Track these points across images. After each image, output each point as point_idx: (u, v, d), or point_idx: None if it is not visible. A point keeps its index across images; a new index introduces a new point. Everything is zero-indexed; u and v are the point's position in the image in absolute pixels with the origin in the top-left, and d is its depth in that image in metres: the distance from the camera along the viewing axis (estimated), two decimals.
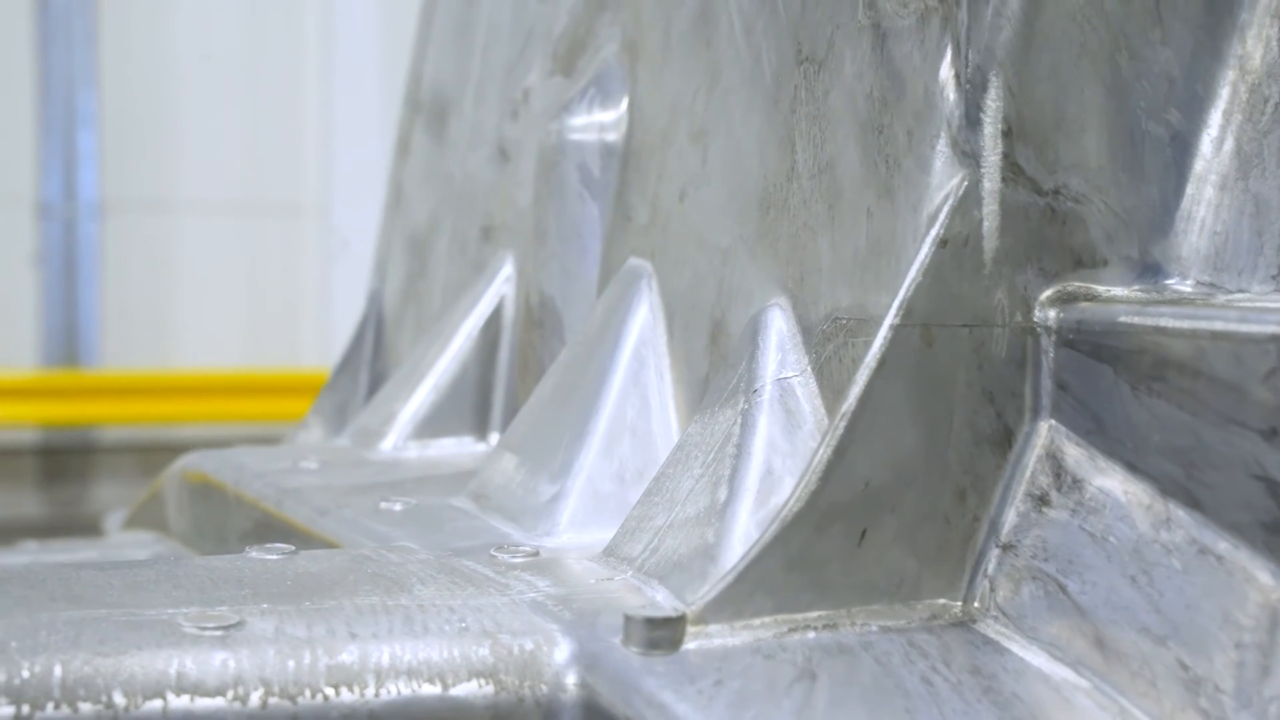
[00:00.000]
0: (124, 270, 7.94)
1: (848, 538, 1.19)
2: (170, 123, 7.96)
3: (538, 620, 1.18)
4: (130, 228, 7.94)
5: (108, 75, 7.75)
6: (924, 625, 1.19)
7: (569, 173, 1.72)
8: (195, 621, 1.14)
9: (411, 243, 2.21)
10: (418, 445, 1.87)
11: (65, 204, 7.81)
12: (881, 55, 1.28)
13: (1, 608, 1.17)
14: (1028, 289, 1.22)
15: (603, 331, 1.56)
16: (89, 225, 7.87)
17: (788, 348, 1.33)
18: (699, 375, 1.48)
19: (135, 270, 7.98)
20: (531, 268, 1.77)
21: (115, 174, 7.84)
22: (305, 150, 8.23)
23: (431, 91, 2.21)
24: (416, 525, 1.50)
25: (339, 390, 2.31)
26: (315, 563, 1.34)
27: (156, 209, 7.99)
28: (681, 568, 1.24)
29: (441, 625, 1.17)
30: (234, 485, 1.80)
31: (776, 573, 1.17)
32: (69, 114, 7.75)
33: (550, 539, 1.43)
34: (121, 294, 7.96)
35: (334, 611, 1.19)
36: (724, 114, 1.50)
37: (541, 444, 1.53)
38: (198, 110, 7.95)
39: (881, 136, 1.27)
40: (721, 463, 1.28)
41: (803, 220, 1.36)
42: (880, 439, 1.19)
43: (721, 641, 1.15)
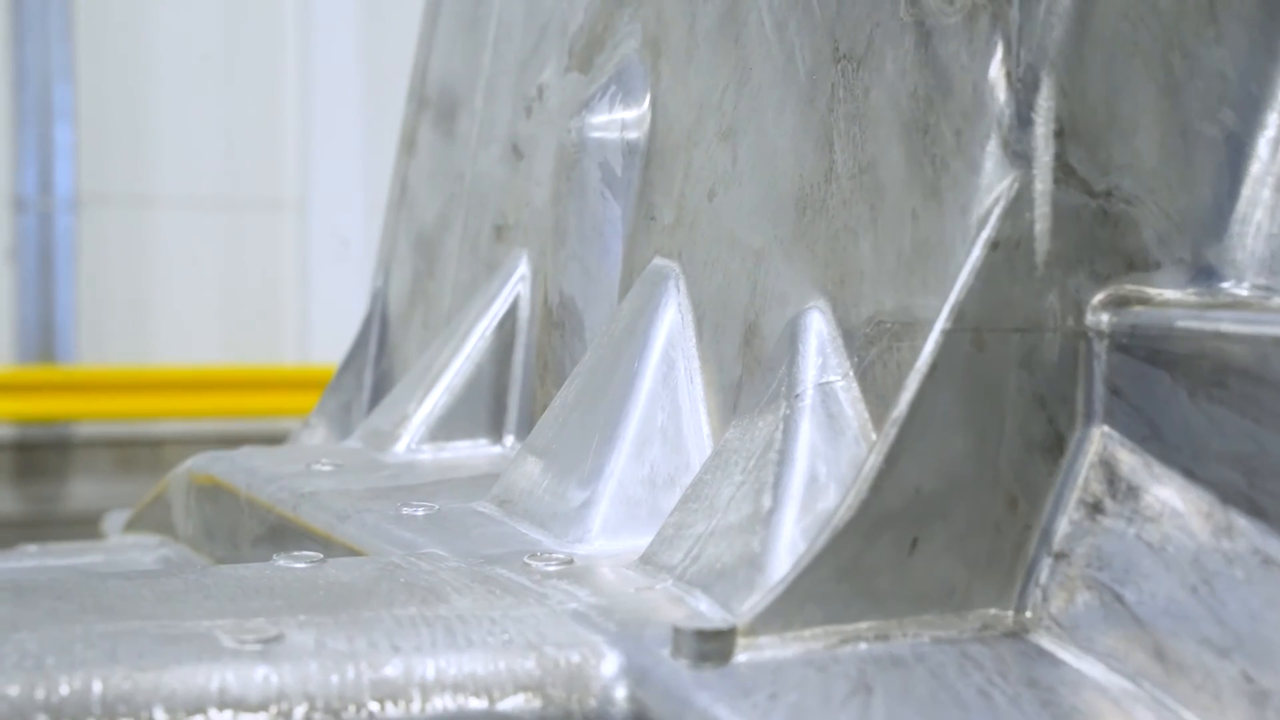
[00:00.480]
0: (100, 265, 7.88)
1: (898, 547, 1.16)
2: (147, 117, 7.90)
3: (581, 631, 1.16)
4: (107, 222, 7.89)
5: (84, 69, 7.69)
6: (976, 636, 1.17)
7: (590, 171, 1.69)
8: (233, 634, 1.11)
9: (418, 241, 2.18)
10: (432, 447, 1.84)
11: (41, 198, 7.74)
12: (926, 53, 1.26)
13: (32, 620, 1.14)
14: (1079, 292, 1.20)
15: (630, 333, 1.53)
16: (65, 219, 7.80)
17: (828, 351, 1.30)
18: (731, 378, 1.45)
19: (112, 265, 7.92)
20: (551, 267, 1.74)
21: (91, 168, 7.78)
22: (284, 145, 8.18)
23: (438, 87, 2.18)
24: (442, 531, 1.48)
25: (343, 390, 2.28)
26: (345, 571, 1.32)
27: (133, 203, 7.93)
28: (726, 577, 1.22)
29: (484, 637, 1.14)
30: (246, 489, 1.77)
31: (827, 583, 1.15)
32: (44, 107, 7.68)
33: (582, 545, 1.41)
34: (98, 289, 7.90)
35: (373, 623, 1.16)
36: (755, 112, 1.48)
37: (569, 448, 1.50)
38: (175, 104, 7.89)
39: (927, 136, 1.25)
40: (764, 469, 1.26)
41: (842, 221, 1.33)
42: (931, 446, 1.16)
43: (773, 654, 1.12)
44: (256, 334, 8.21)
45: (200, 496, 1.91)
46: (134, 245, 7.96)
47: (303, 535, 1.63)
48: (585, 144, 1.70)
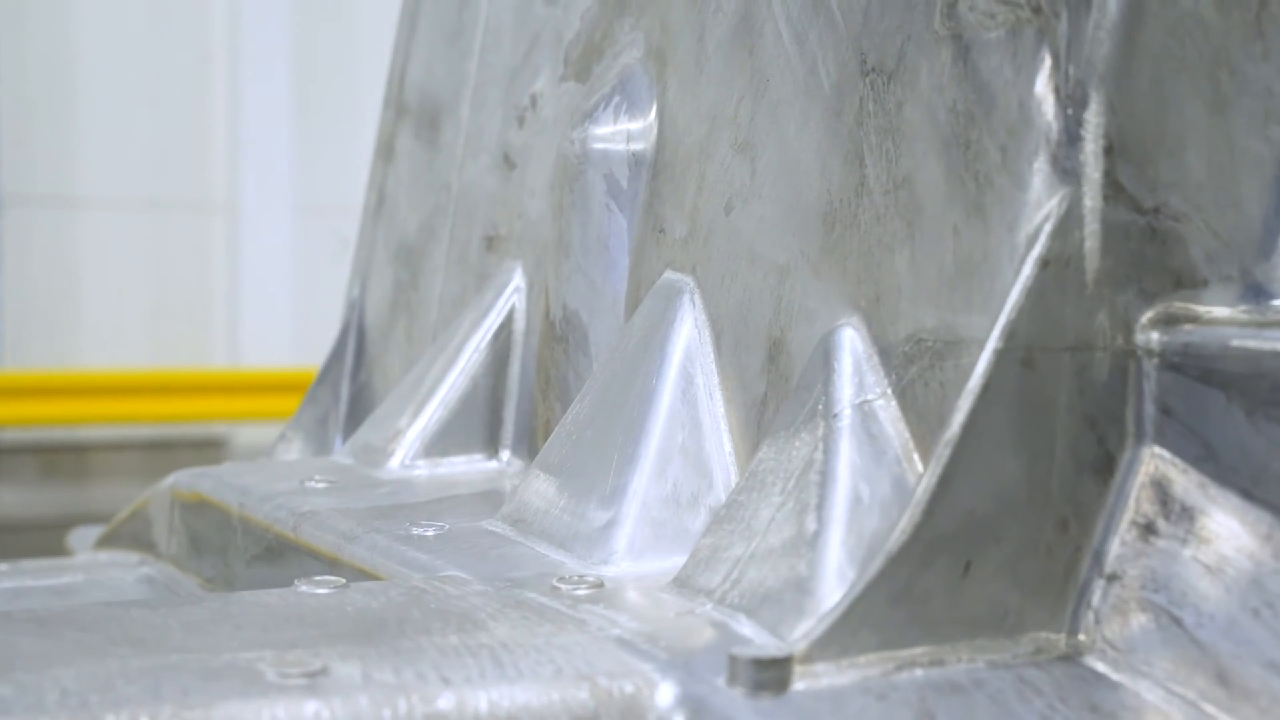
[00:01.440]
0: (23, 267, 7.76)
1: (952, 570, 1.15)
2: (72, 117, 7.79)
3: (630, 660, 1.13)
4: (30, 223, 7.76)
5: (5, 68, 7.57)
6: (1030, 660, 1.15)
7: (594, 183, 1.66)
8: (276, 668, 1.08)
9: (399, 251, 2.15)
10: (428, 463, 1.80)
11: None
12: (965, 68, 1.24)
13: (63, 654, 1.10)
14: (1128, 311, 1.18)
15: (644, 348, 1.50)
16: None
17: (865, 370, 1.28)
18: (755, 396, 1.43)
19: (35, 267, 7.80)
20: (553, 280, 1.71)
21: (14, 169, 7.66)
22: (213, 146, 8.09)
23: (419, 95, 2.15)
24: (458, 553, 1.45)
25: (319, 403, 2.24)
26: (371, 597, 1.28)
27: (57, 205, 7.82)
28: (772, 601, 1.19)
29: (533, 667, 1.11)
30: (239, 507, 1.73)
31: (881, 608, 1.13)
32: None
33: (608, 568, 1.38)
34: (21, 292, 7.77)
35: (416, 653, 1.13)
36: (775, 125, 1.46)
37: (586, 466, 1.48)
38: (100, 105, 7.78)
39: (969, 152, 1.23)
40: (805, 490, 1.24)
41: (876, 237, 1.31)
42: (984, 467, 1.15)
43: (829, 681, 1.10)
44: (185, 337, 8.12)
45: (185, 514, 1.86)
46: (59, 247, 7.84)
47: (305, 556, 1.59)
48: (589, 155, 1.67)
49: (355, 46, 8.10)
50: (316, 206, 8.14)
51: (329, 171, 8.13)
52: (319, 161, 8.14)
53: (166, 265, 7.99)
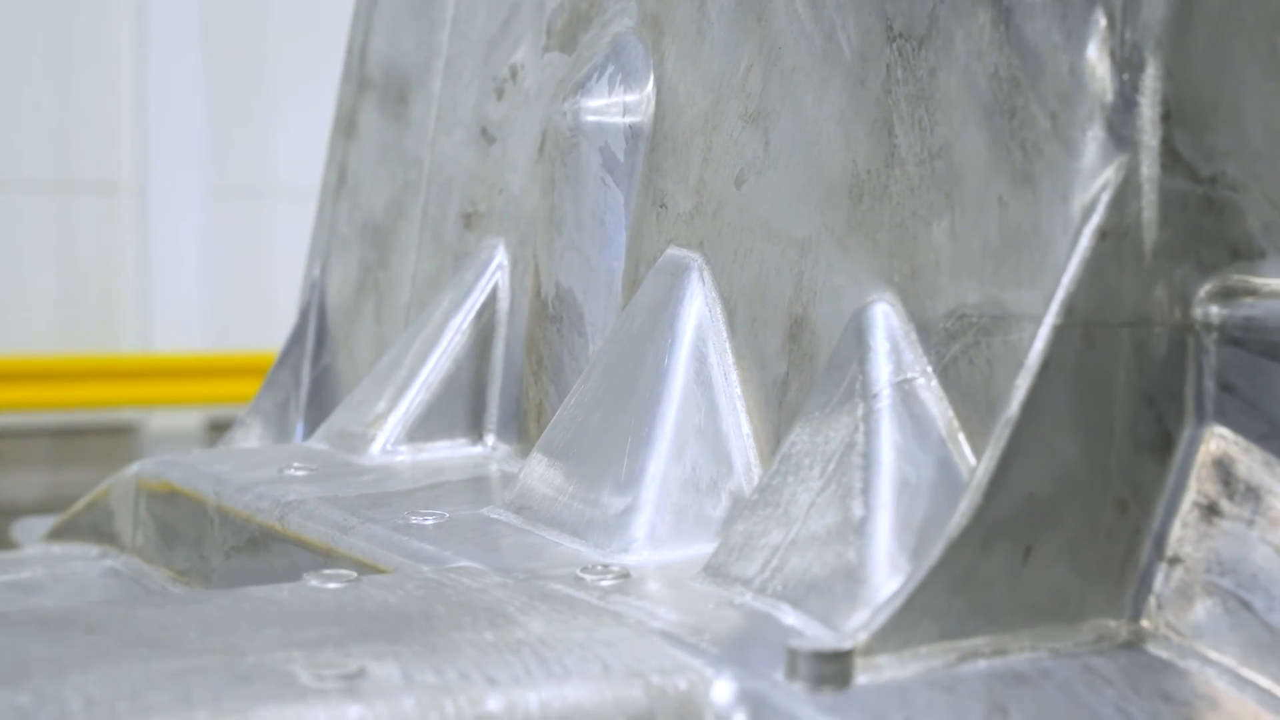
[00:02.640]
0: None
1: (1012, 556, 1.10)
2: None
3: (679, 655, 1.07)
4: None
5: None
6: (1093, 648, 1.11)
7: (589, 157, 1.60)
8: (310, 670, 1.01)
9: (365, 230, 2.07)
10: (410, 449, 1.74)
11: None
12: (1007, 32, 1.19)
13: (74, 657, 1.03)
14: (1186, 284, 1.14)
15: (652, 327, 1.44)
16: None
17: (902, 347, 1.23)
18: (775, 375, 1.38)
19: None
20: (545, 257, 1.65)
21: None
22: (119, 126, 7.93)
23: (383, 68, 2.07)
24: (463, 542, 1.38)
25: (279, 387, 2.17)
26: (387, 591, 1.22)
27: None
28: (819, 590, 1.14)
29: (579, 665, 1.05)
30: (215, 497, 1.66)
31: (942, 596, 1.08)
32: None
33: (628, 556, 1.32)
34: None
35: (453, 652, 1.06)
36: (790, 95, 1.40)
37: (596, 450, 1.42)
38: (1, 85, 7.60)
39: (1014, 119, 1.18)
40: (847, 474, 1.18)
41: (910, 209, 1.26)
42: (1043, 448, 1.10)
43: (892, 674, 1.05)
44: (94, 322, 7.96)
45: (153, 504, 1.79)
46: None
47: (293, 547, 1.52)
48: (582, 127, 1.61)
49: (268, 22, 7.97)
50: (230, 188, 8.00)
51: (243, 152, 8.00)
52: (232, 142, 8.00)
53: (73, 248, 7.83)
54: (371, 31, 2.12)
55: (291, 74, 7.95)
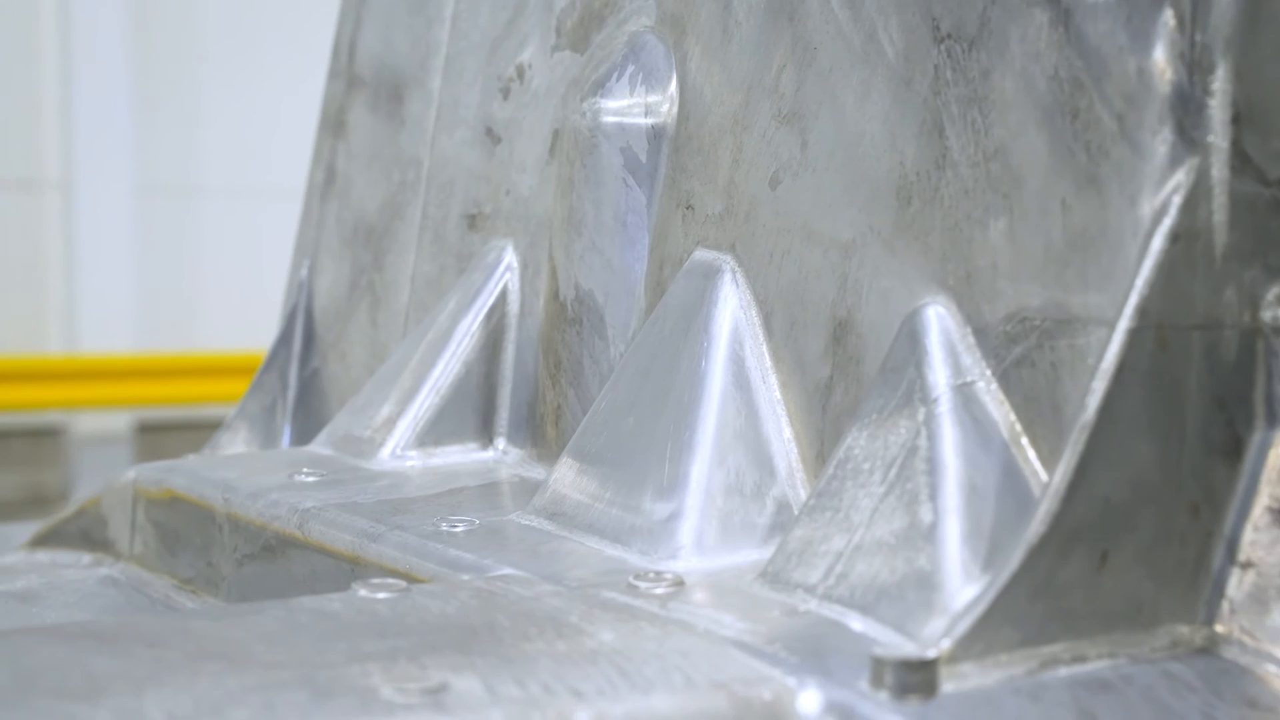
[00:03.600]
0: None
1: (1089, 562, 1.09)
2: None
3: (756, 664, 1.06)
4: None
5: None
6: (1169, 654, 1.10)
7: (610, 158, 1.58)
8: (391, 684, 0.99)
9: (357, 231, 2.04)
10: (420, 454, 1.71)
11: None
12: (1067, 33, 1.18)
13: (144, 672, 1.01)
14: (1254, 286, 1.14)
15: (685, 330, 1.43)
16: None
17: (959, 351, 1.22)
18: (817, 379, 1.36)
19: None
20: (562, 260, 1.63)
21: None
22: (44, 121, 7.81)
23: (374, 66, 2.04)
24: (501, 549, 1.36)
25: (266, 390, 2.13)
26: (441, 600, 1.20)
27: None
28: (890, 597, 1.13)
29: (662, 676, 1.03)
30: (224, 504, 1.62)
31: (1022, 603, 1.07)
32: None
33: (675, 563, 1.30)
34: None
35: (530, 664, 1.04)
36: (827, 96, 1.39)
37: (632, 455, 1.40)
38: None
39: (1077, 121, 1.17)
40: (912, 479, 1.17)
41: (965, 211, 1.25)
42: (1118, 453, 1.09)
43: (976, 682, 1.04)
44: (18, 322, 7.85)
45: (153, 511, 1.75)
46: None
47: (313, 555, 1.50)
48: (603, 128, 1.59)
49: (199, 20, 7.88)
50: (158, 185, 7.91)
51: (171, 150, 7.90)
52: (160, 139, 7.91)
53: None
54: (361, 29, 2.09)
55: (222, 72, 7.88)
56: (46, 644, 1.08)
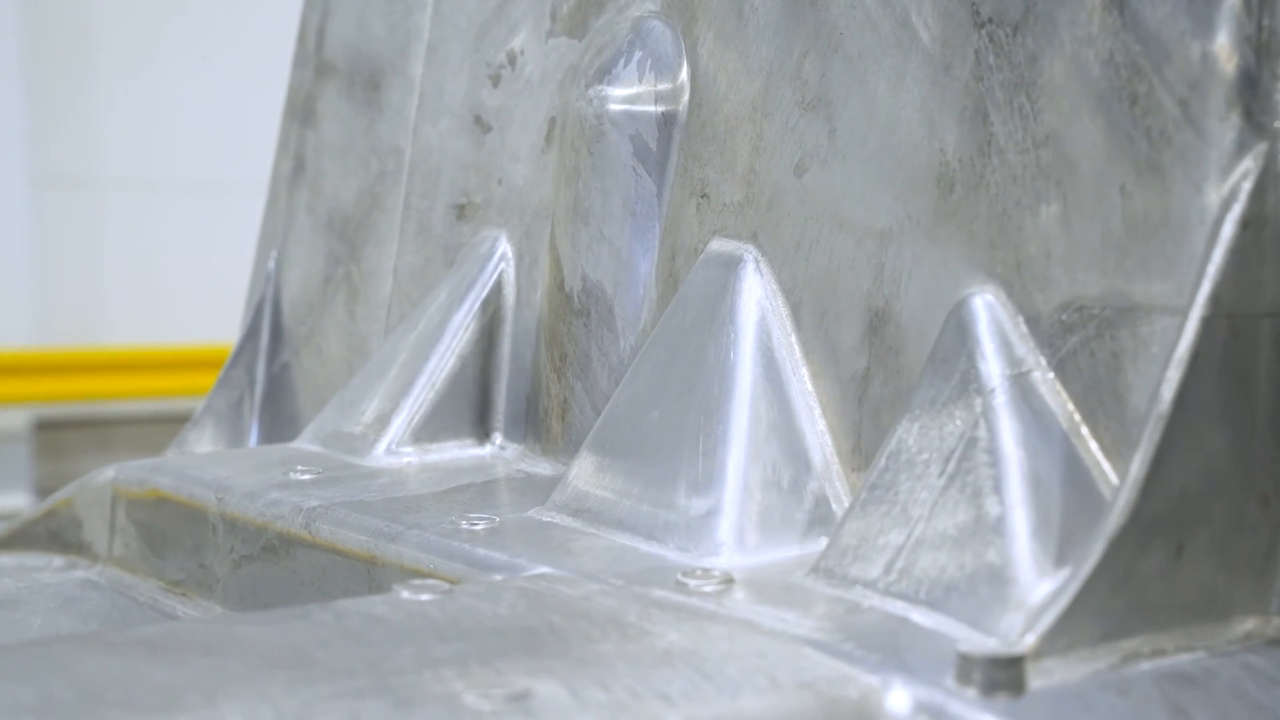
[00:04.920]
0: None
1: (1166, 553, 1.07)
2: None
3: (837, 664, 1.03)
4: None
5: None
6: (1244, 645, 1.09)
7: (618, 145, 1.55)
8: (476, 690, 0.96)
9: (331, 221, 1.99)
10: (416, 450, 1.67)
11: None
12: (1122, 17, 1.16)
13: (211, 682, 0.96)
14: None
15: (710, 321, 1.40)
16: None
17: (1013, 340, 1.20)
18: (853, 370, 1.34)
19: None
20: (568, 250, 1.59)
21: None
22: None
23: (348, 53, 1.99)
24: (530, 547, 1.32)
25: (234, 386, 2.07)
26: (489, 602, 1.16)
27: None
28: (960, 592, 1.11)
29: (745, 678, 1.01)
30: (218, 504, 1.58)
31: (1103, 596, 1.05)
32: None
33: (715, 559, 1.27)
34: None
35: (607, 667, 1.01)
36: (857, 82, 1.36)
37: (661, 449, 1.37)
38: None
39: (1136, 107, 1.15)
40: (973, 471, 1.15)
41: (1013, 198, 1.23)
42: (1193, 443, 1.08)
43: (1062, 678, 1.02)
44: None
45: (136, 512, 1.70)
46: None
47: (321, 554, 1.45)
48: (609, 116, 1.55)
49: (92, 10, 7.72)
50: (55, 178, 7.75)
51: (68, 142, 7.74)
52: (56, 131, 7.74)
53: None
54: (330, 15, 2.04)
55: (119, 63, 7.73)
56: (95, 654, 1.03)
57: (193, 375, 6.07)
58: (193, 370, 6.36)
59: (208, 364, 6.02)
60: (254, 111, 5.23)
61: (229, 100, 6.68)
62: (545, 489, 1.52)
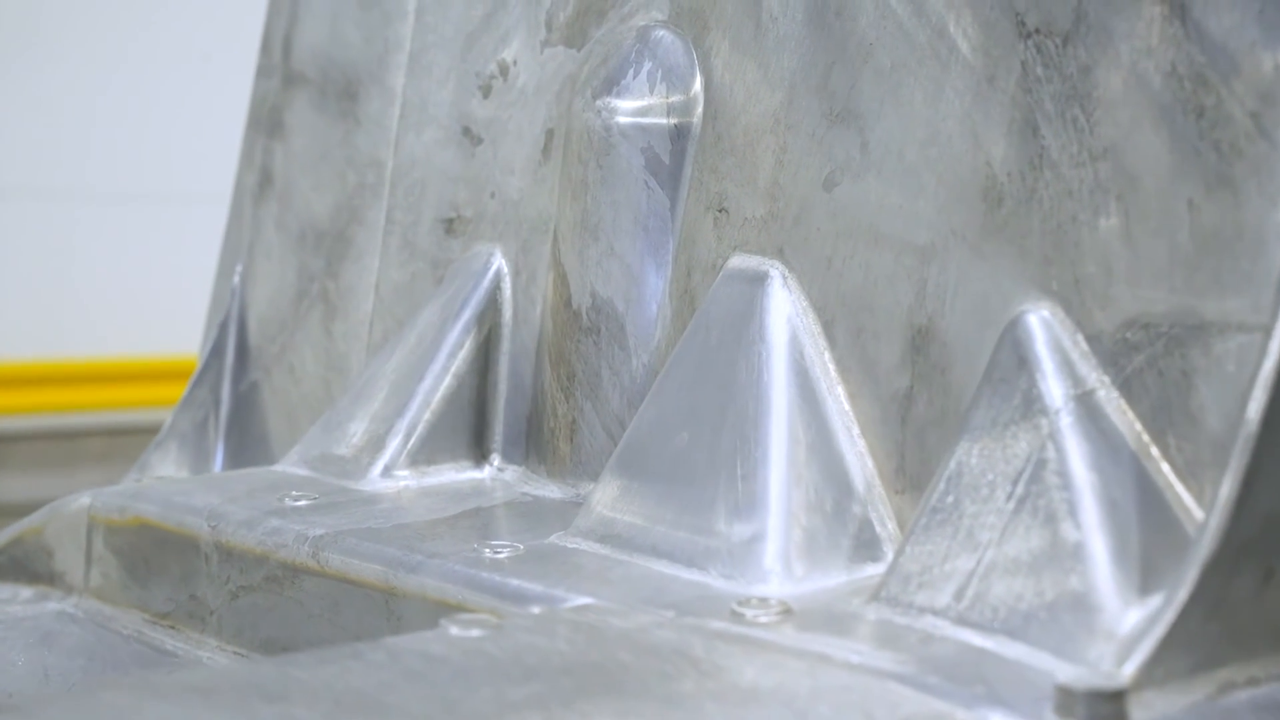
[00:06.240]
0: None
1: (1255, 579, 1.05)
2: None
3: (929, 699, 1.00)
4: None
5: None
6: None
7: (630, 159, 1.50)
8: None
9: (304, 236, 1.93)
10: (413, 473, 1.61)
11: None
12: (1185, 27, 1.14)
13: None
14: None
15: (738, 339, 1.36)
16: None
17: (1073, 359, 1.17)
18: (894, 389, 1.30)
19: None
20: (576, 266, 1.55)
21: None
22: None
23: (320, 63, 1.93)
24: (566, 577, 1.28)
25: (198, 406, 2.00)
26: (546, 637, 1.11)
27: None
28: (1041, 621, 1.07)
29: (841, 716, 0.97)
30: (211, 532, 1.51)
31: (1197, 623, 1.02)
32: None
33: (764, 587, 1.23)
34: None
35: (697, 708, 0.98)
36: (890, 94, 1.33)
37: (693, 473, 1.32)
38: None
39: (1203, 119, 1.13)
40: (1044, 494, 1.12)
41: (1069, 213, 1.20)
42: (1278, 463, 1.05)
43: (1163, 710, 0.99)
44: None
45: (115, 540, 1.63)
46: None
47: (331, 585, 1.40)
48: (620, 129, 1.51)
49: None
50: None
51: None
52: None
53: None
54: (298, 23, 1.97)
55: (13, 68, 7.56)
56: (147, 701, 0.97)
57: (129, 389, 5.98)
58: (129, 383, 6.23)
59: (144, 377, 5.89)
60: (210, 121, 5.13)
61: (184, 111, 6.52)
62: (557, 513, 1.48)
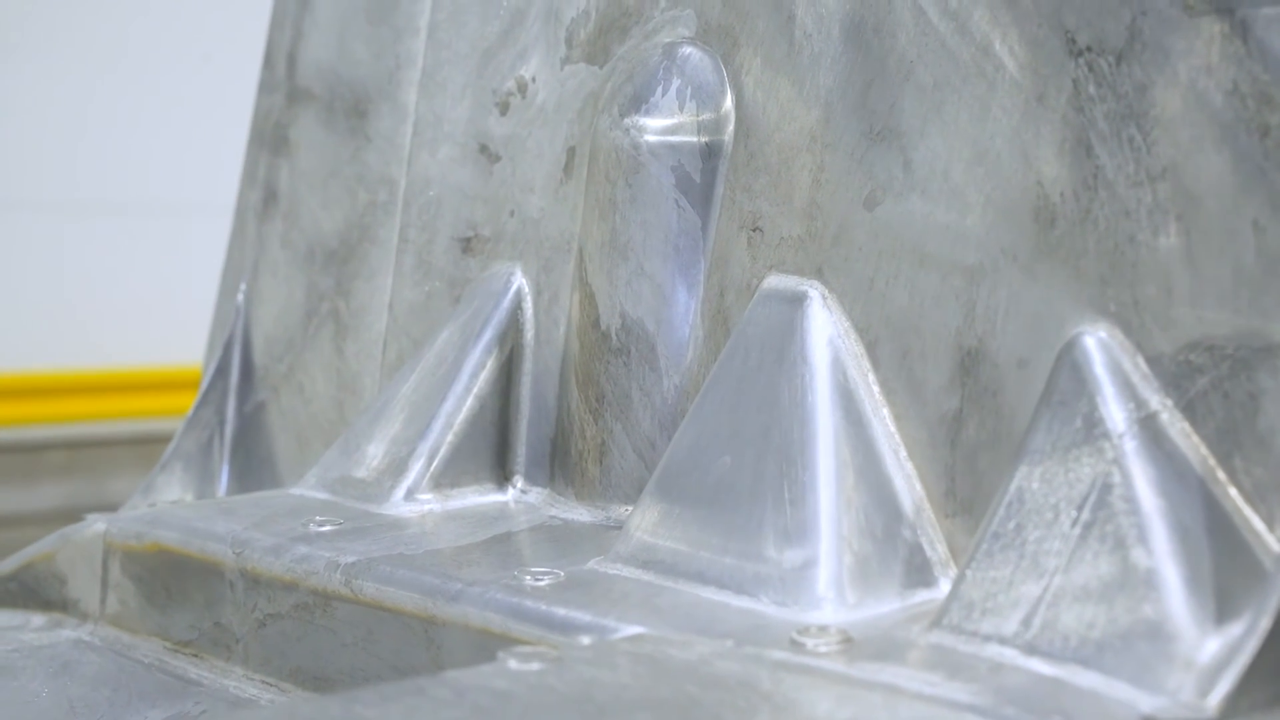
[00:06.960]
0: None
1: None
2: None
3: None
4: None
5: None
6: None
7: (660, 178, 1.49)
8: None
9: (312, 254, 1.90)
10: (437, 497, 1.59)
11: None
12: (1245, 45, 1.13)
13: None
14: None
15: (779, 360, 1.34)
16: None
17: (1134, 382, 1.16)
18: (943, 411, 1.29)
19: None
20: (604, 286, 1.53)
21: None
22: None
23: (328, 79, 1.90)
24: (612, 605, 1.26)
25: (203, 426, 1.98)
26: (608, 670, 1.09)
27: None
28: (1115, 649, 1.06)
29: None
30: (236, 559, 1.49)
31: (1274, 654, 1.01)
32: None
33: (817, 614, 1.21)
34: None
35: None
36: (934, 112, 1.31)
37: (739, 497, 1.31)
38: None
39: (1268, 139, 1.12)
40: (1111, 520, 1.10)
41: (1126, 234, 1.19)
42: None
43: None
44: None
45: (133, 567, 1.60)
46: None
47: (369, 614, 1.37)
48: (648, 146, 1.49)
49: None
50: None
51: None
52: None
53: None
54: (303, 39, 1.95)
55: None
56: None
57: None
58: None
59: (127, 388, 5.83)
60: (204, 133, 5.07)
61: (177, 121, 6.45)
62: (590, 537, 1.46)
